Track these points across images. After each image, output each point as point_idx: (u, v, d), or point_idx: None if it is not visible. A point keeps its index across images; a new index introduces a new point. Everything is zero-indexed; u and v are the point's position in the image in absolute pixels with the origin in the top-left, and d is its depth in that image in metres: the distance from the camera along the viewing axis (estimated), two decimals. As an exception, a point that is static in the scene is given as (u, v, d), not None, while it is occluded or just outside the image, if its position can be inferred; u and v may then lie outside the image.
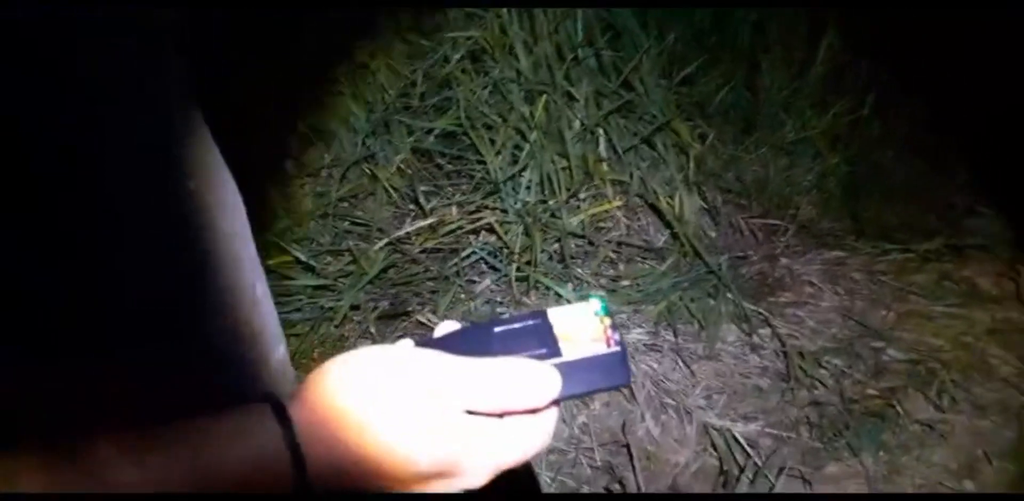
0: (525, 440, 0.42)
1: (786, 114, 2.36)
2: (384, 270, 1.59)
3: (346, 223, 1.68)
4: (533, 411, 0.42)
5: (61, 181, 0.40)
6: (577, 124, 1.73)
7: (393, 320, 1.58)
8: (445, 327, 0.47)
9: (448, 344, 0.44)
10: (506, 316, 0.51)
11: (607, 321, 0.46)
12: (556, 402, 0.44)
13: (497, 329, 0.45)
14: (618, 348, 0.45)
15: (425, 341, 0.46)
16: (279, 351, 0.57)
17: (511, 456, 0.42)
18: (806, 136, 2.31)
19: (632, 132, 1.89)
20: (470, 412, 0.40)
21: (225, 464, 0.36)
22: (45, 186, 0.40)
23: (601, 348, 0.45)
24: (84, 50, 0.40)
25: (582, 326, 0.46)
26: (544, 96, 1.66)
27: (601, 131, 1.79)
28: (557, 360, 0.44)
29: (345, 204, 1.71)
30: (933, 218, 2.22)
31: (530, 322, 0.45)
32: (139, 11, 0.43)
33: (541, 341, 0.45)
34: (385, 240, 1.61)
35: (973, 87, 2.29)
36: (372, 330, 1.56)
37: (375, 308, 1.55)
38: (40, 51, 0.38)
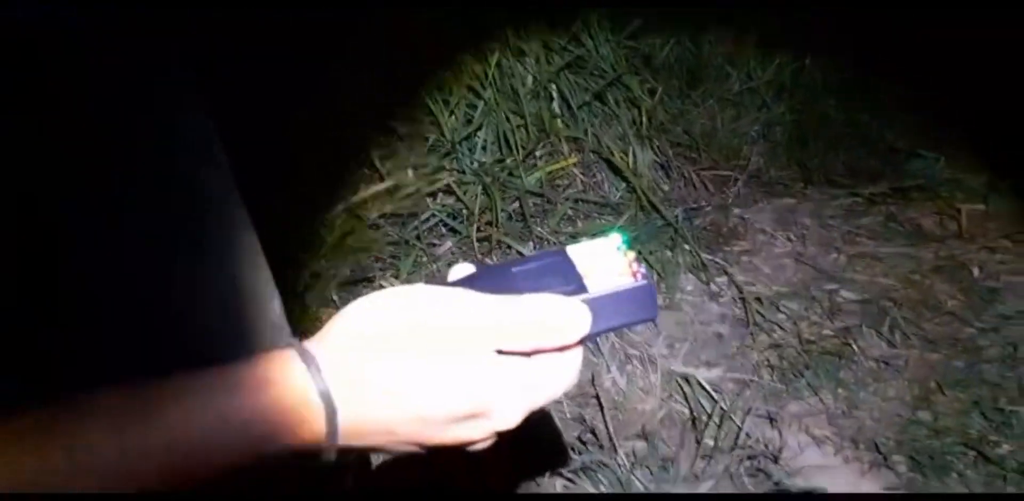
0: (555, 379, 0.41)
1: (731, 66, 2.37)
2: (342, 237, 1.56)
3: (303, 190, 1.64)
4: (561, 349, 0.41)
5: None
6: (530, 80, 1.71)
7: (355, 286, 1.56)
8: (459, 270, 0.45)
9: (467, 285, 0.43)
10: (528, 255, 0.50)
11: (631, 255, 0.44)
12: (591, 337, 0.43)
13: (515, 268, 0.44)
14: (645, 281, 0.43)
15: (452, 282, 0.44)
16: (275, 305, 0.55)
17: (542, 395, 0.41)
18: (751, 87, 2.33)
19: (584, 88, 1.88)
20: (500, 351, 0.39)
21: (251, 413, 0.34)
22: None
23: (628, 282, 0.43)
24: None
25: (606, 261, 0.44)
26: (497, 53, 1.64)
27: (554, 87, 1.77)
28: (584, 296, 0.42)
29: (300, 172, 1.67)
30: (877, 162, 2.26)
31: (550, 260, 0.44)
32: None
33: (565, 278, 0.43)
34: (343, 206, 1.58)
35: (911, 32, 2.33)
36: (335, 297, 1.54)
37: (335, 275, 1.53)
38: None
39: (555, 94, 1.79)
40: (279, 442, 0.35)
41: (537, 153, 1.75)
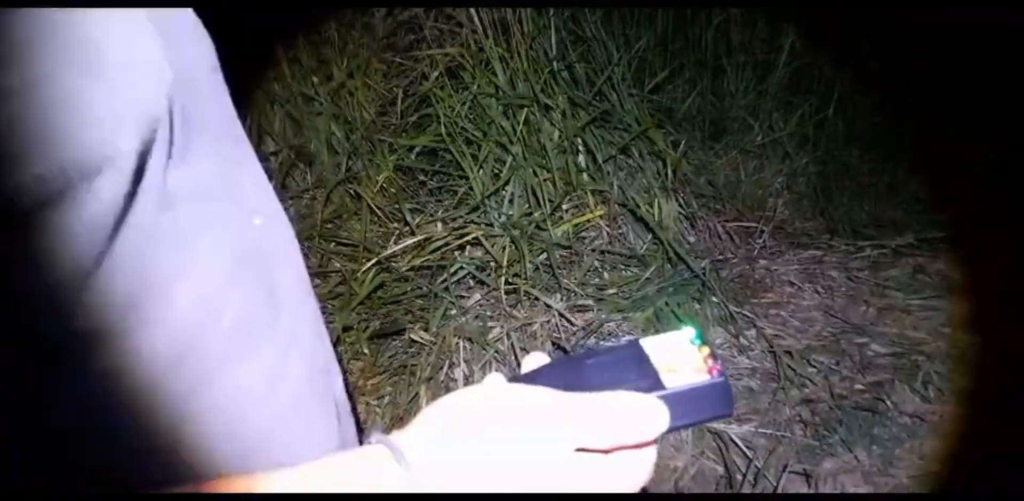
0: (631, 476, 0.41)
1: (752, 118, 2.40)
2: (374, 290, 1.58)
3: (332, 244, 1.66)
4: (636, 446, 0.42)
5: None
6: (556, 135, 1.74)
7: (385, 339, 1.57)
8: (533, 360, 0.46)
9: (542, 378, 0.43)
10: (595, 347, 0.50)
11: (705, 350, 0.44)
12: (670, 433, 0.43)
13: (589, 361, 0.44)
14: (722, 378, 0.43)
15: (517, 377, 0.44)
16: (338, 383, 0.56)
17: (620, 491, 0.42)
18: (774, 138, 2.36)
19: (609, 142, 1.91)
20: (579, 449, 0.39)
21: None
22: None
23: (704, 378, 0.43)
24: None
25: (680, 355, 0.44)
26: (525, 109, 1.67)
27: (580, 142, 1.80)
28: (662, 392, 0.42)
29: (330, 225, 1.70)
30: (902, 213, 2.27)
31: (624, 353, 0.44)
32: None
33: (640, 372, 0.43)
34: (373, 260, 1.60)
35: (930, 84, 2.36)
36: (365, 350, 1.55)
37: (367, 328, 1.54)
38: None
39: (581, 148, 1.82)
40: None
41: (564, 206, 1.78)
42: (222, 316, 0.44)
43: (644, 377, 0.42)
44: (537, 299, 1.68)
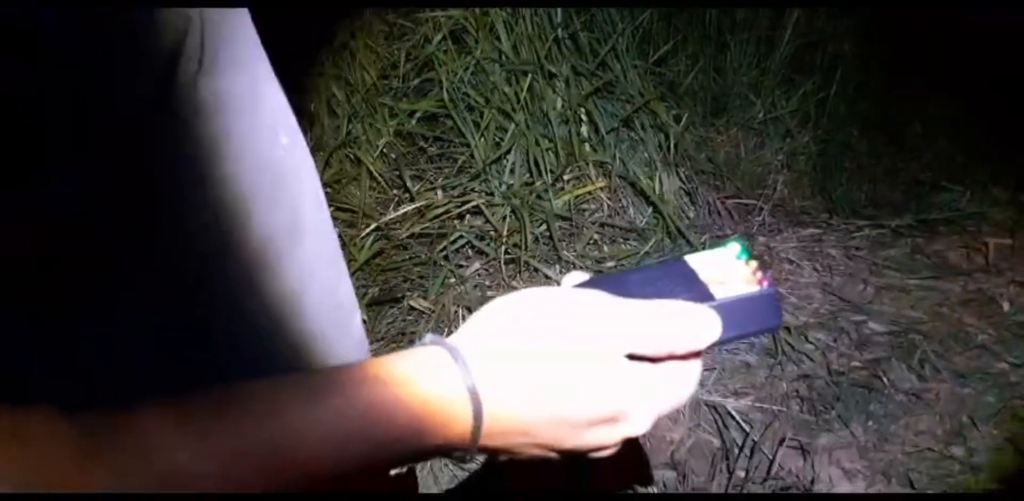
0: (680, 386, 0.41)
1: (754, 95, 2.40)
2: (372, 257, 1.57)
3: (331, 209, 1.64)
4: (684, 356, 0.41)
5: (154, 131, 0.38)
6: (560, 104, 1.73)
7: (383, 306, 1.56)
8: (573, 277, 0.45)
9: (597, 287, 0.42)
10: (644, 264, 0.49)
11: (753, 263, 0.44)
12: (719, 345, 0.42)
13: (635, 276, 0.43)
14: (771, 289, 0.43)
15: (577, 285, 0.44)
16: (357, 318, 0.56)
17: (669, 402, 0.40)
18: (775, 116, 2.36)
19: (612, 113, 1.90)
20: (631, 356, 0.39)
21: (398, 406, 0.33)
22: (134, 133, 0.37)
23: (754, 288, 0.43)
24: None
25: (728, 269, 0.44)
26: (528, 76, 1.66)
27: (583, 112, 1.79)
28: (712, 302, 0.41)
29: (329, 190, 1.68)
30: (901, 194, 2.29)
31: (670, 268, 0.43)
32: None
33: (688, 286, 0.42)
34: (372, 226, 1.58)
35: (933, 65, 2.37)
36: (364, 317, 1.54)
37: (365, 294, 1.54)
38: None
39: (584, 118, 1.81)
40: (423, 437, 0.35)
41: (565, 177, 1.77)
42: (247, 234, 0.44)
43: (692, 290, 0.42)
44: (536, 270, 1.68)
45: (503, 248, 1.63)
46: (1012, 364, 1.70)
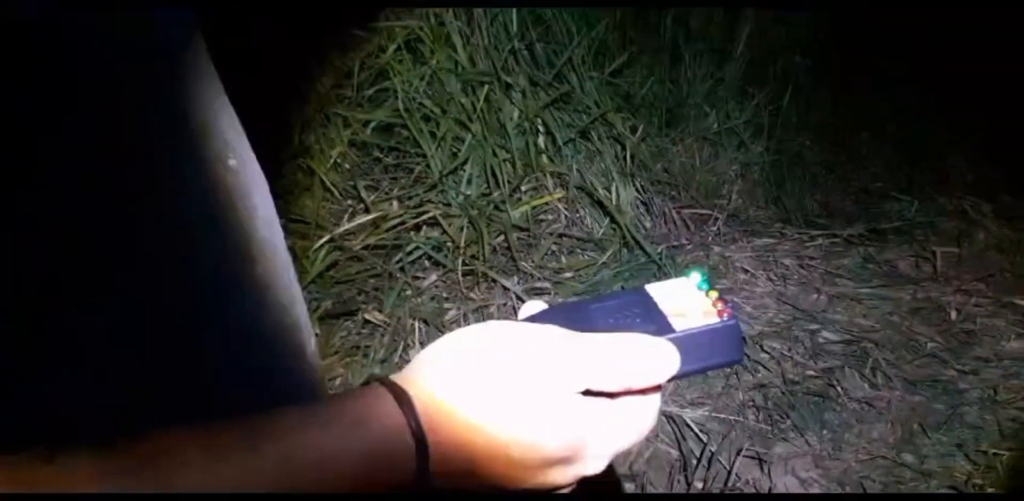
0: (639, 421, 0.40)
1: (709, 106, 2.43)
2: (326, 269, 1.55)
3: (283, 221, 1.62)
4: (643, 391, 0.41)
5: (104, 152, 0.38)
6: (516, 115, 1.74)
7: (337, 319, 1.55)
8: (531, 307, 0.45)
9: (550, 319, 0.41)
10: (599, 294, 0.49)
11: (714, 294, 0.43)
12: (678, 379, 0.42)
13: (593, 306, 0.43)
14: (732, 320, 0.42)
15: (527, 319, 0.43)
16: (312, 342, 0.55)
17: (627, 438, 0.40)
18: (730, 127, 2.40)
19: (568, 124, 1.91)
20: (587, 392, 0.38)
21: (346, 452, 0.33)
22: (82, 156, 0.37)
23: (714, 320, 0.42)
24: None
25: (688, 300, 0.43)
26: (485, 87, 1.66)
27: (540, 122, 1.80)
28: (671, 335, 0.41)
29: (281, 201, 1.66)
30: (852, 204, 2.34)
31: (630, 298, 0.43)
32: None
33: (647, 317, 0.42)
34: (326, 237, 1.57)
35: (884, 76, 2.43)
36: (317, 330, 1.52)
37: (318, 308, 1.52)
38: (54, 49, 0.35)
39: (541, 129, 1.82)
40: (371, 480, 0.34)
41: (523, 188, 1.77)
42: (196, 262, 0.43)
43: (652, 321, 0.41)
44: (495, 281, 1.67)
45: (460, 259, 1.63)
46: (960, 371, 1.74)
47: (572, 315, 0.42)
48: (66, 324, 0.38)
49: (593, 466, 0.39)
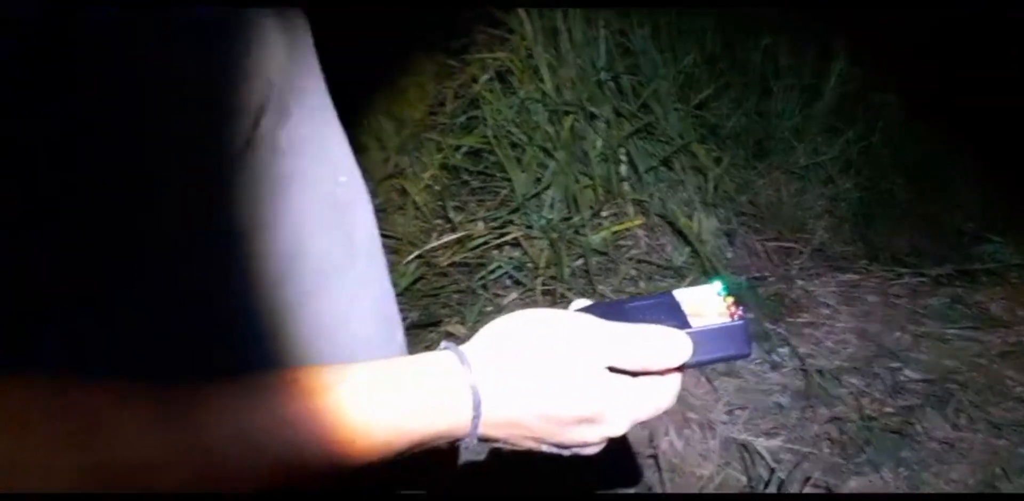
0: (656, 397, 0.51)
1: (797, 140, 2.50)
2: (413, 282, 1.69)
3: (376, 236, 1.78)
4: (663, 372, 0.51)
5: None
6: (600, 143, 1.86)
7: (422, 330, 1.67)
8: (579, 303, 0.56)
9: (590, 313, 0.53)
10: (637, 295, 0.59)
11: (730, 299, 0.54)
12: (683, 367, 0.52)
13: (628, 305, 0.54)
14: (741, 321, 0.53)
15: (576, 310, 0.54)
16: (400, 331, 0.66)
17: (645, 410, 0.51)
18: (818, 161, 2.46)
19: (651, 153, 2.02)
20: (611, 369, 0.49)
21: (413, 399, 0.44)
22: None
23: (725, 321, 0.53)
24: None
25: (708, 303, 0.54)
26: (570, 116, 1.79)
27: (623, 151, 1.92)
28: (687, 330, 0.52)
29: (376, 217, 1.82)
30: (943, 244, 2.36)
31: (659, 299, 0.54)
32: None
33: (670, 315, 0.53)
34: (415, 253, 1.71)
35: (980, 114, 2.45)
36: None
37: (406, 318, 1.65)
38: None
39: (624, 158, 1.93)
40: (431, 422, 0.44)
41: (603, 213, 1.88)
42: (307, 254, 0.54)
43: (674, 319, 0.52)
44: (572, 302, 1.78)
45: (540, 279, 1.74)
46: (1048, 416, 1.74)
47: (610, 311, 0.54)
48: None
49: (614, 429, 0.49)
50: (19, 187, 0.41)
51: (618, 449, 1.69)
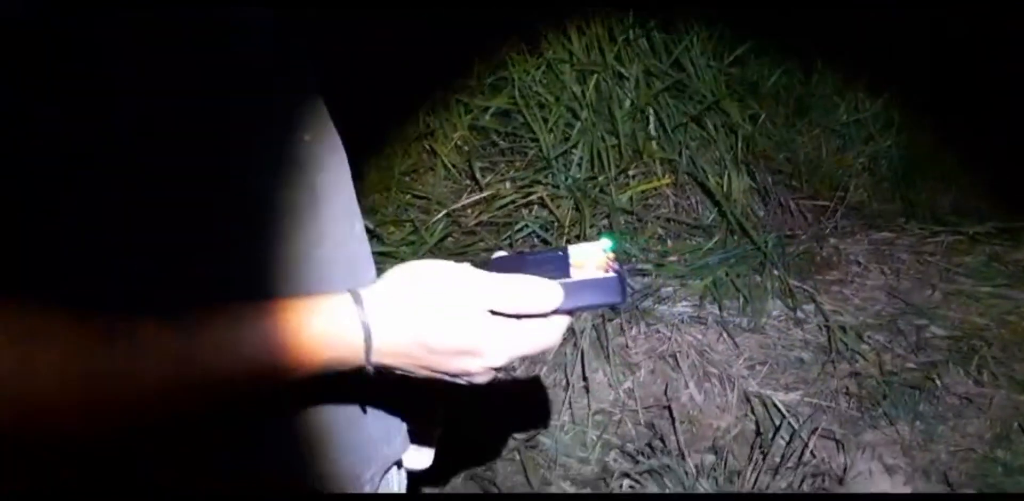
0: (535, 337, 0.59)
1: (839, 97, 2.50)
2: (442, 239, 1.79)
3: (408, 196, 1.88)
4: (545, 316, 0.59)
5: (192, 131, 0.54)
6: (628, 103, 1.91)
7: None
8: (498, 254, 0.65)
9: (489, 265, 0.61)
10: (539, 248, 0.66)
11: (611, 255, 0.61)
12: (567, 313, 0.60)
13: (529, 257, 0.62)
14: (614, 274, 0.60)
15: (475, 263, 0.64)
16: (371, 272, 0.75)
17: (523, 348, 0.59)
18: (858, 119, 2.46)
19: (682, 111, 2.06)
20: (493, 312, 0.57)
21: (306, 333, 0.52)
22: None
23: (600, 274, 0.60)
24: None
25: (591, 258, 0.61)
26: (595, 76, 1.85)
27: (651, 110, 1.97)
28: (561, 280, 0.59)
29: (407, 178, 1.92)
30: (984, 203, 2.34)
31: (553, 254, 0.62)
32: None
33: (558, 267, 0.60)
34: (443, 212, 1.81)
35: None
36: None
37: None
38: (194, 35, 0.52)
39: (652, 117, 1.98)
40: (325, 351, 0.53)
41: (630, 172, 1.94)
42: (272, 203, 0.62)
43: (559, 271, 0.60)
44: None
45: (565, 238, 1.82)
46: (1073, 373, 1.77)
47: (511, 262, 0.62)
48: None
49: (493, 361, 0.58)
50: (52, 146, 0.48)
51: (640, 399, 1.79)
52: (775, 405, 1.73)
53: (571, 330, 1.80)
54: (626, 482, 1.59)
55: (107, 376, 0.46)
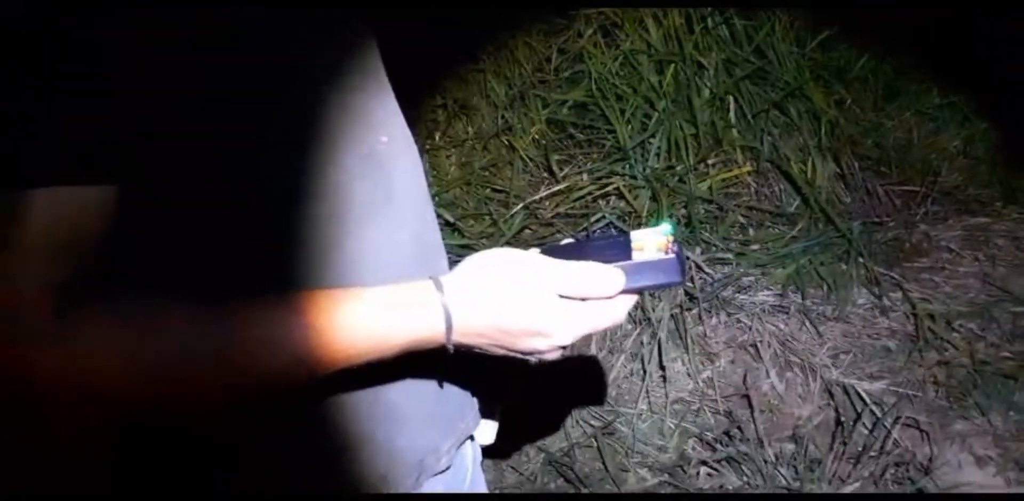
0: (599, 317, 0.65)
1: (931, 80, 2.45)
2: (520, 231, 1.86)
3: (487, 190, 1.96)
4: (609, 298, 0.65)
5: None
6: (706, 92, 1.93)
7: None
8: (565, 240, 0.72)
9: (554, 252, 0.67)
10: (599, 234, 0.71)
11: (670, 237, 0.66)
12: (631, 292, 0.65)
13: (592, 243, 0.68)
14: (672, 255, 0.65)
15: (544, 249, 0.69)
16: (443, 262, 0.81)
17: (588, 327, 0.65)
18: (953, 101, 2.40)
19: (763, 98, 2.06)
20: (561, 295, 0.63)
21: (397, 315, 0.59)
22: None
23: (659, 255, 0.65)
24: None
25: (651, 241, 0.66)
26: (673, 65, 1.88)
27: (731, 98, 1.98)
28: (622, 263, 0.65)
29: (486, 173, 1.99)
30: (1093, 185, 2.26)
31: (615, 239, 0.68)
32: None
33: (620, 251, 0.66)
34: (521, 205, 1.87)
35: None
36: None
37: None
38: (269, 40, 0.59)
39: (732, 105, 1.99)
40: (413, 331, 0.60)
41: (710, 161, 1.96)
42: (354, 196, 0.69)
43: (621, 254, 0.65)
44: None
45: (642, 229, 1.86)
46: None
47: (575, 248, 0.68)
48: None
49: (559, 340, 0.64)
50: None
51: (719, 387, 1.81)
52: (858, 394, 1.73)
53: (648, 320, 1.84)
54: (704, 470, 1.62)
55: (253, 350, 0.56)
